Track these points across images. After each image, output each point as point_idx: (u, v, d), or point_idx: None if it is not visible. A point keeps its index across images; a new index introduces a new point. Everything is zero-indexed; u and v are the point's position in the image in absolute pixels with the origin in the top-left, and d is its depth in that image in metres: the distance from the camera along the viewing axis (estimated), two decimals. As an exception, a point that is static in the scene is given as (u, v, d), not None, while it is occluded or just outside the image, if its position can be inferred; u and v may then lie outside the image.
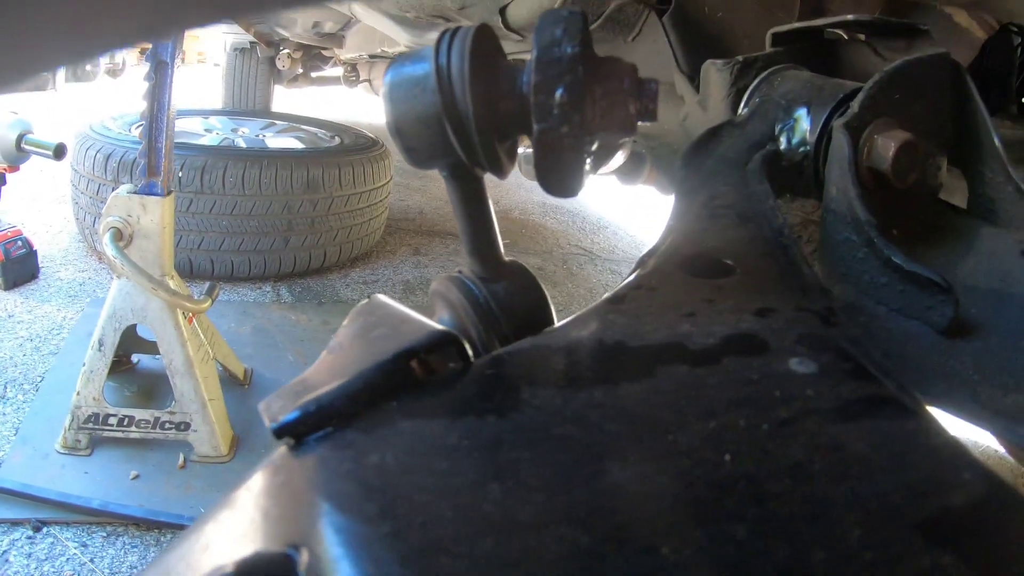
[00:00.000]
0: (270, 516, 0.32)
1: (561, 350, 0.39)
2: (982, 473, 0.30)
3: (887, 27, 0.76)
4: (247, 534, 0.31)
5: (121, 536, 1.87)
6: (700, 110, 0.85)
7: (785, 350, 0.39)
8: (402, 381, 0.37)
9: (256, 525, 0.31)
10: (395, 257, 3.94)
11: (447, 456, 0.32)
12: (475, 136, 0.42)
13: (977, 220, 0.68)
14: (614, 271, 4.29)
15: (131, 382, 2.35)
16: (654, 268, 0.48)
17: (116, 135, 3.26)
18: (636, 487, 0.30)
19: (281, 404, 0.36)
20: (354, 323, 0.42)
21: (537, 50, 0.40)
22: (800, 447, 0.32)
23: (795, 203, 0.75)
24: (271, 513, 0.32)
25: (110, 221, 1.96)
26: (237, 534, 0.31)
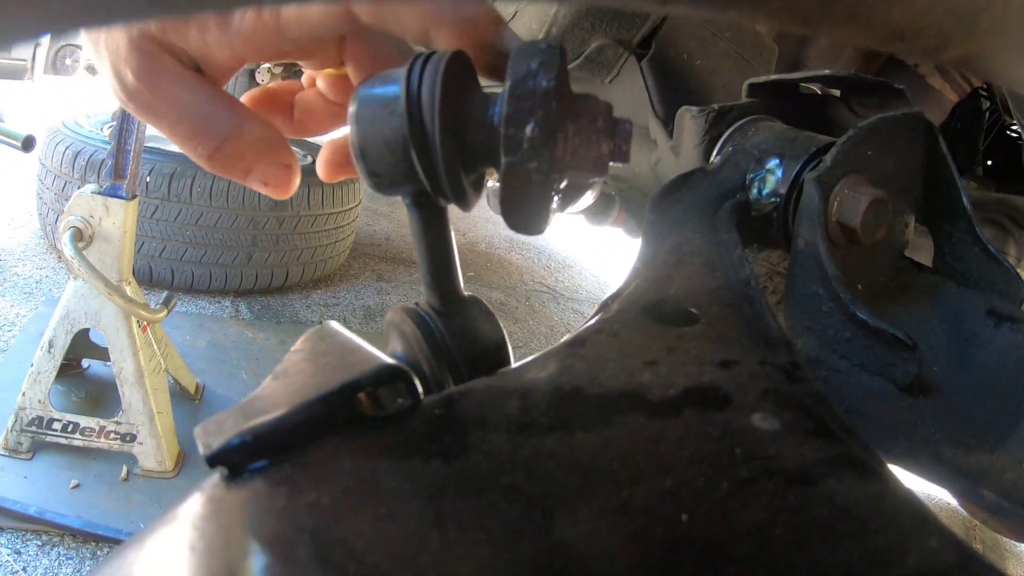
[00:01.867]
0: (196, 551, 0.30)
1: (515, 393, 0.38)
2: (950, 540, 0.29)
3: (862, 84, 0.76)
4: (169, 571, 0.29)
5: (57, 546, 1.81)
6: (672, 156, 0.85)
7: (748, 405, 0.38)
8: (346, 415, 0.35)
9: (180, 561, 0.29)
10: (358, 281, 3.91)
11: (387, 500, 0.30)
12: (440, 165, 0.41)
13: (943, 279, 0.68)
14: (576, 311, 4.29)
15: (79, 387, 2.29)
16: (616, 312, 0.47)
17: (87, 133, 3.21)
18: (586, 546, 0.28)
19: (217, 430, 0.35)
20: (302, 349, 0.41)
21: (511, 81, 0.39)
22: (761, 509, 0.31)
23: (762, 253, 0.74)
24: (197, 547, 0.30)
25: (71, 220, 1.93)
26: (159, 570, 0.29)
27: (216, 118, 0.47)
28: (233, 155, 0.48)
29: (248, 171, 0.49)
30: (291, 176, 0.50)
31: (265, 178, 0.50)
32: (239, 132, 0.47)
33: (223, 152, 0.48)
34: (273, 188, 0.50)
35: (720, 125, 0.79)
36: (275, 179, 0.50)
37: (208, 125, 0.47)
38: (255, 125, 0.48)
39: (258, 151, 0.49)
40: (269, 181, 0.50)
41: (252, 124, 0.48)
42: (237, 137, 0.47)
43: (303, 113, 0.56)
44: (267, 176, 0.50)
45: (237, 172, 0.49)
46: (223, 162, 0.48)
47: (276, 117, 0.55)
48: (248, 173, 0.49)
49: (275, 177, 0.50)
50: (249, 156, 0.49)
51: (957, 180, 0.66)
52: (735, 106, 0.80)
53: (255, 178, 0.50)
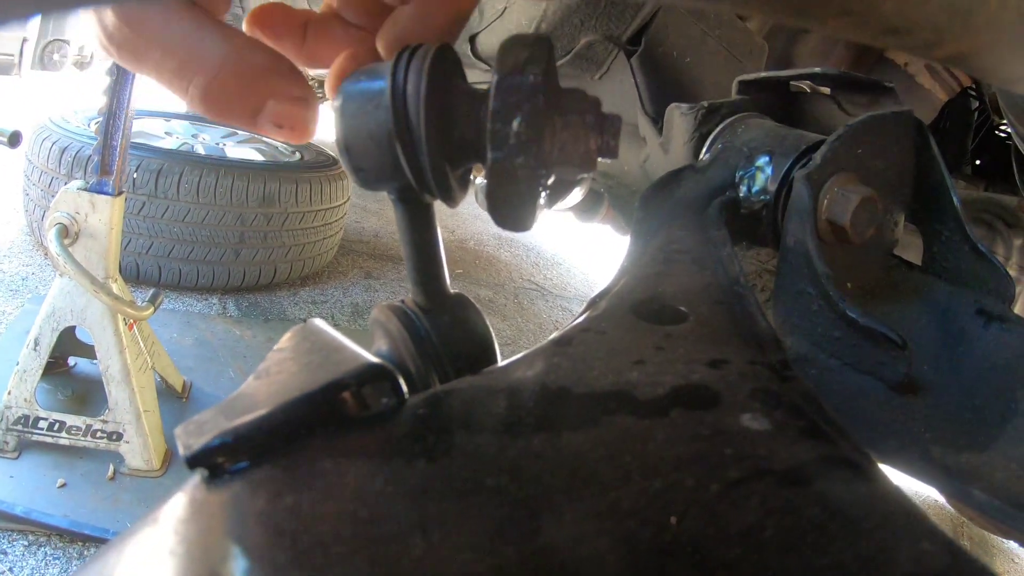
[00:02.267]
0: (176, 554, 0.29)
1: (501, 392, 0.37)
2: (942, 542, 0.28)
3: (853, 82, 0.76)
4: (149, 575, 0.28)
5: (43, 546, 1.80)
6: (662, 153, 0.85)
7: (737, 404, 0.37)
8: (329, 415, 0.34)
9: (159, 564, 0.29)
10: (346, 279, 3.90)
11: (369, 503, 0.30)
12: (426, 160, 0.40)
13: (932, 277, 0.68)
14: (565, 308, 4.29)
15: (65, 386, 2.27)
16: (604, 310, 0.47)
17: (74, 129, 3.19)
18: (573, 549, 0.28)
19: (198, 431, 0.34)
20: (286, 348, 0.40)
21: (498, 75, 0.38)
22: (751, 511, 0.30)
23: (751, 251, 0.74)
24: (177, 551, 0.29)
25: (57, 217, 1.91)
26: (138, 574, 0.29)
27: (206, 48, 0.40)
28: (233, 92, 0.41)
29: (255, 110, 0.42)
30: (307, 112, 0.43)
31: (277, 118, 0.42)
32: (236, 62, 0.41)
33: (219, 88, 0.41)
34: (289, 130, 0.43)
35: (710, 122, 0.79)
36: (289, 118, 0.42)
37: (196, 57, 0.40)
38: (256, 53, 0.42)
39: (263, 84, 0.42)
40: (282, 121, 0.42)
41: (252, 52, 0.42)
42: (234, 68, 0.41)
43: (316, 38, 0.47)
44: (279, 115, 0.42)
45: (243, 114, 0.42)
46: (222, 101, 0.41)
47: (283, 43, 0.47)
48: (256, 114, 0.42)
49: (288, 116, 0.42)
50: (253, 91, 0.42)
51: (947, 179, 0.66)
52: (725, 103, 0.79)
53: (265, 119, 0.42)
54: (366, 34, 0.47)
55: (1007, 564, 3.02)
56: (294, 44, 0.47)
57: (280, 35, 0.47)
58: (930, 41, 0.33)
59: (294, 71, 0.43)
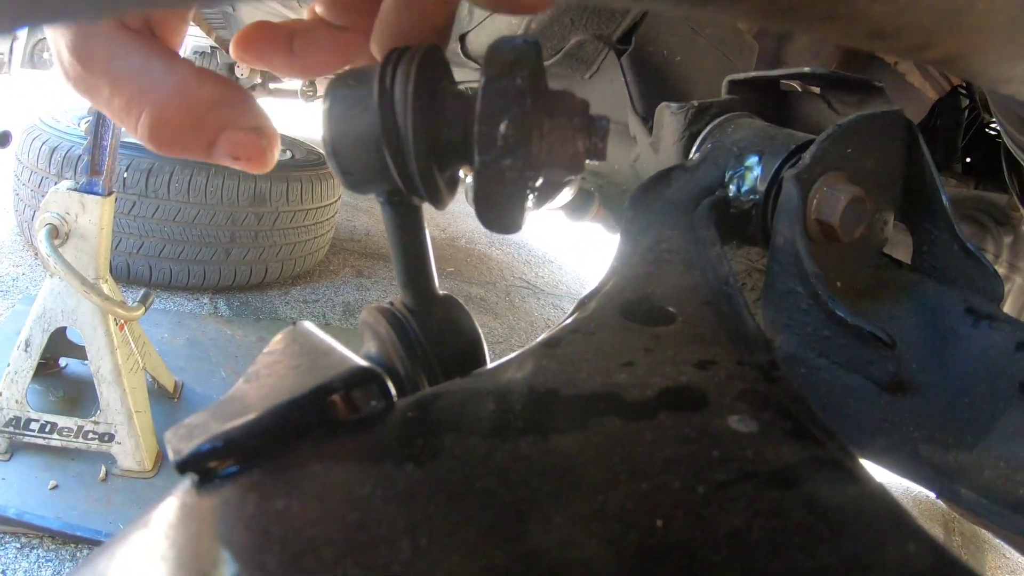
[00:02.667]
0: (166, 559, 0.29)
1: (490, 395, 0.37)
2: (928, 544, 0.29)
3: (842, 81, 0.76)
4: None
5: (36, 548, 1.80)
6: (652, 152, 0.85)
7: (725, 406, 0.38)
8: (318, 419, 0.34)
9: (150, 570, 0.29)
10: (337, 278, 3.90)
11: (358, 506, 0.30)
12: (414, 164, 0.40)
13: (921, 276, 0.68)
14: (556, 306, 4.30)
15: (57, 387, 2.27)
16: (593, 311, 0.47)
17: (64, 128, 3.18)
18: (560, 552, 0.28)
19: (187, 435, 0.34)
20: (275, 351, 0.40)
21: (485, 78, 0.38)
22: (738, 513, 0.30)
23: (741, 250, 0.74)
24: (167, 556, 0.29)
25: (47, 217, 1.91)
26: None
27: (153, 82, 0.39)
28: (184, 125, 0.39)
29: (210, 143, 0.40)
30: (263, 143, 0.41)
31: (232, 150, 0.40)
32: (183, 95, 0.39)
33: (168, 121, 0.39)
34: (246, 161, 0.41)
35: (699, 122, 0.79)
36: (245, 149, 0.41)
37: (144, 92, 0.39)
38: (205, 85, 0.40)
39: (214, 116, 0.40)
40: (239, 153, 0.41)
41: (200, 84, 0.40)
42: (182, 102, 0.39)
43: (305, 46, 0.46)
44: (234, 147, 0.40)
45: (197, 147, 0.40)
46: (173, 135, 0.39)
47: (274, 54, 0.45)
48: (211, 146, 0.40)
49: (244, 147, 0.41)
50: (204, 124, 0.40)
51: (936, 178, 0.66)
52: (715, 103, 0.79)
53: (221, 151, 0.41)
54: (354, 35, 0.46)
55: (998, 559, 3.04)
56: (283, 59, 0.46)
57: (266, 54, 0.46)
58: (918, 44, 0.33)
59: (247, 100, 0.42)
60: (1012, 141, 1.06)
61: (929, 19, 0.31)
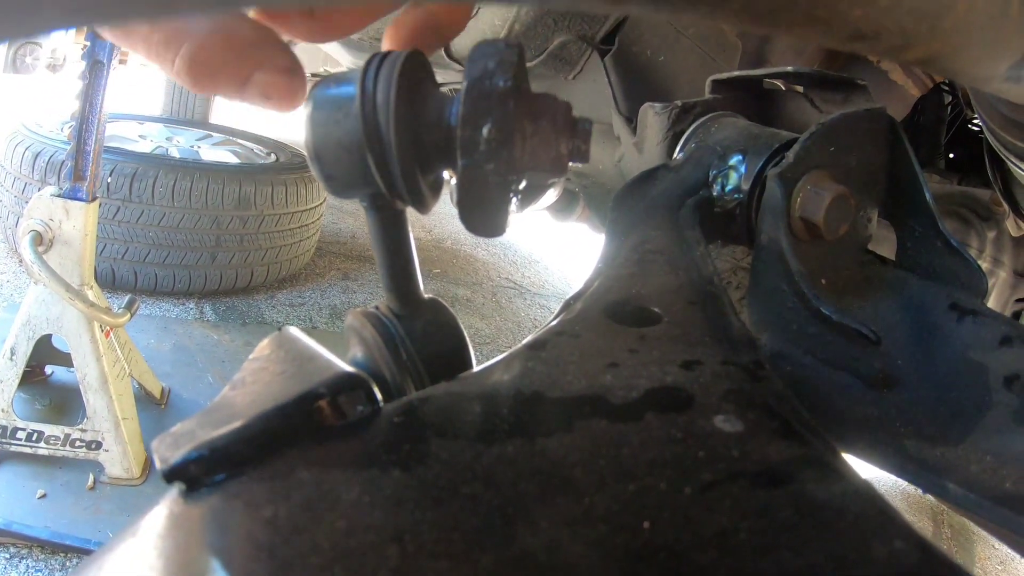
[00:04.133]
0: (154, 569, 0.29)
1: (476, 398, 0.37)
2: (915, 541, 0.29)
3: (825, 80, 0.76)
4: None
5: (25, 559, 1.78)
6: (636, 152, 0.85)
7: (711, 406, 0.38)
8: (305, 425, 0.34)
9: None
10: (323, 281, 3.89)
11: (345, 513, 0.29)
12: (396, 167, 0.40)
13: (906, 272, 0.68)
14: (543, 306, 4.30)
15: (43, 395, 2.25)
16: (578, 313, 0.47)
17: (47, 134, 3.15)
18: (547, 556, 0.28)
19: (174, 444, 0.34)
20: (261, 357, 0.40)
21: (467, 81, 0.38)
22: (725, 513, 0.30)
23: (725, 249, 0.74)
24: (155, 566, 0.29)
25: (31, 224, 1.89)
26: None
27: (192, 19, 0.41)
28: (220, 63, 0.41)
29: (243, 81, 0.42)
30: (295, 82, 0.43)
31: (265, 88, 0.42)
32: (223, 33, 0.41)
33: (205, 59, 0.41)
34: (277, 100, 0.43)
35: (683, 121, 0.79)
36: (276, 88, 0.42)
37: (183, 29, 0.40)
38: (243, 25, 0.42)
39: (250, 55, 0.42)
40: (270, 92, 0.42)
41: (239, 24, 0.42)
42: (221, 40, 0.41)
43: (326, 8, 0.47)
44: (266, 85, 0.42)
45: (230, 84, 0.42)
46: (208, 72, 0.41)
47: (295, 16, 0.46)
48: (243, 83, 0.42)
49: (276, 86, 0.42)
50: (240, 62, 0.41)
51: (919, 175, 0.66)
52: (698, 102, 0.80)
53: (253, 90, 0.42)
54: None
55: (987, 551, 3.06)
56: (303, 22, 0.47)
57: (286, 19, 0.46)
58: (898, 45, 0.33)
59: (280, 43, 0.43)
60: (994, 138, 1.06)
61: (909, 21, 0.31)
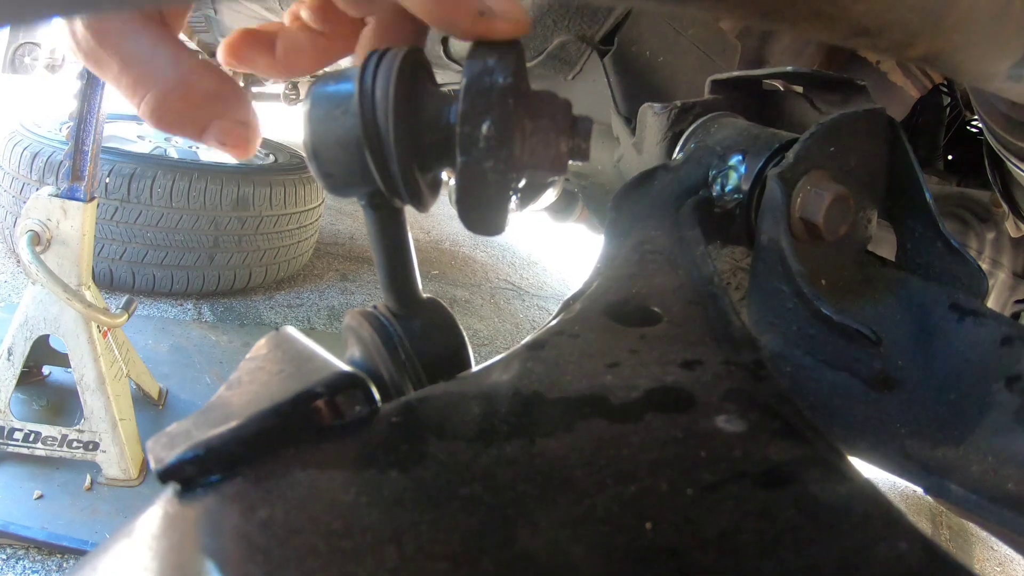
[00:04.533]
0: (149, 570, 0.29)
1: (474, 399, 0.37)
2: (919, 542, 0.28)
3: (825, 81, 0.76)
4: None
5: (22, 559, 1.78)
6: (635, 152, 0.84)
7: (712, 406, 0.37)
8: (302, 425, 0.34)
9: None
10: (322, 282, 3.88)
11: (342, 514, 0.29)
12: (395, 165, 0.40)
13: (906, 273, 0.68)
14: (542, 307, 4.30)
15: (40, 395, 2.25)
16: (578, 313, 0.46)
17: (46, 134, 3.15)
18: (548, 557, 0.27)
19: (169, 444, 0.33)
20: (258, 357, 0.40)
21: (467, 79, 0.38)
22: (727, 514, 0.30)
23: (725, 250, 0.74)
24: (150, 567, 0.29)
25: (28, 224, 1.89)
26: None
27: (159, 68, 0.44)
28: (182, 110, 0.45)
29: (202, 128, 0.46)
30: (248, 134, 0.47)
31: (221, 137, 0.46)
32: (185, 84, 0.44)
33: (169, 106, 0.44)
34: (231, 148, 0.47)
35: (682, 122, 0.79)
36: (232, 138, 0.46)
37: (150, 75, 0.44)
38: (206, 77, 0.45)
39: (209, 106, 0.45)
40: (225, 140, 0.46)
41: (203, 75, 0.45)
42: (183, 91, 0.44)
43: (287, 50, 0.51)
44: (222, 135, 0.46)
45: (190, 129, 0.46)
46: (171, 117, 0.45)
47: (258, 58, 0.51)
48: (203, 131, 0.46)
49: (231, 136, 0.46)
50: (200, 112, 0.45)
51: (919, 175, 0.66)
52: (698, 103, 0.79)
53: (211, 136, 0.46)
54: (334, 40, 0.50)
55: (986, 552, 3.05)
56: (266, 62, 0.51)
57: (250, 58, 0.51)
58: (901, 42, 0.33)
59: (239, 96, 0.47)
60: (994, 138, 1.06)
61: (913, 17, 0.31)
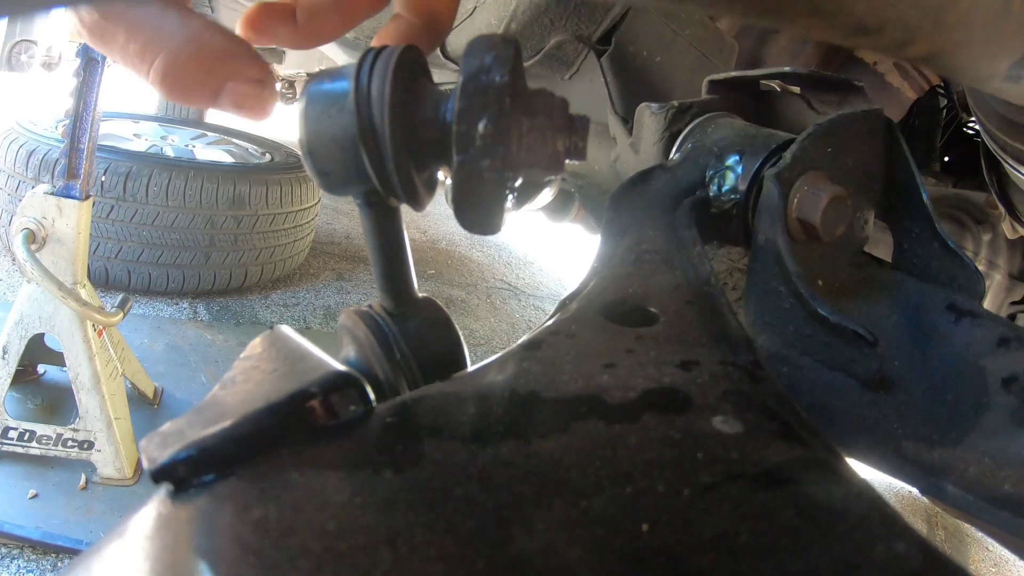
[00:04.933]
0: (141, 571, 0.28)
1: (470, 399, 0.37)
2: (917, 544, 0.28)
3: (822, 81, 0.76)
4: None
5: (16, 559, 1.77)
6: (632, 152, 0.84)
7: (709, 407, 0.37)
8: (296, 425, 0.34)
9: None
10: (318, 281, 3.88)
11: (336, 515, 0.29)
12: (391, 164, 0.40)
13: (903, 274, 0.68)
14: (538, 307, 4.30)
15: (35, 394, 2.24)
16: (574, 313, 0.46)
17: (42, 131, 3.14)
18: (544, 559, 0.27)
19: (162, 443, 0.33)
20: (252, 356, 0.39)
21: (463, 76, 0.38)
22: (724, 516, 0.30)
23: (722, 250, 0.74)
24: (143, 568, 0.29)
25: (24, 222, 1.88)
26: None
27: (167, 31, 0.42)
28: (193, 73, 0.42)
29: (215, 91, 0.44)
30: (265, 93, 0.45)
31: (236, 99, 0.44)
32: (196, 44, 0.42)
33: (179, 69, 0.42)
34: (248, 109, 0.45)
35: (679, 122, 0.79)
36: (247, 98, 0.44)
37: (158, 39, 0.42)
38: (216, 37, 0.43)
39: (222, 67, 0.43)
40: (242, 102, 0.44)
41: (212, 36, 0.43)
42: (194, 51, 0.42)
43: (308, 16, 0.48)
44: (238, 96, 0.44)
45: (203, 94, 0.44)
46: (182, 82, 0.42)
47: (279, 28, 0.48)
48: (216, 94, 0.44)
49: (247, 96, 0.44)
50: (213, 73, 0.43)
51: (916, 176, 0.66)
52: (695, 103, 0.79)
53: (226, 100, 0.44)
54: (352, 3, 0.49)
55: (981, 552, 3.06)
56: (288, 32, 0.48)
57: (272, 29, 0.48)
58: (901, 40, 0.33)
59: (252, 54, 0.44)
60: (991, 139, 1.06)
61: (913, 15, 0.31)
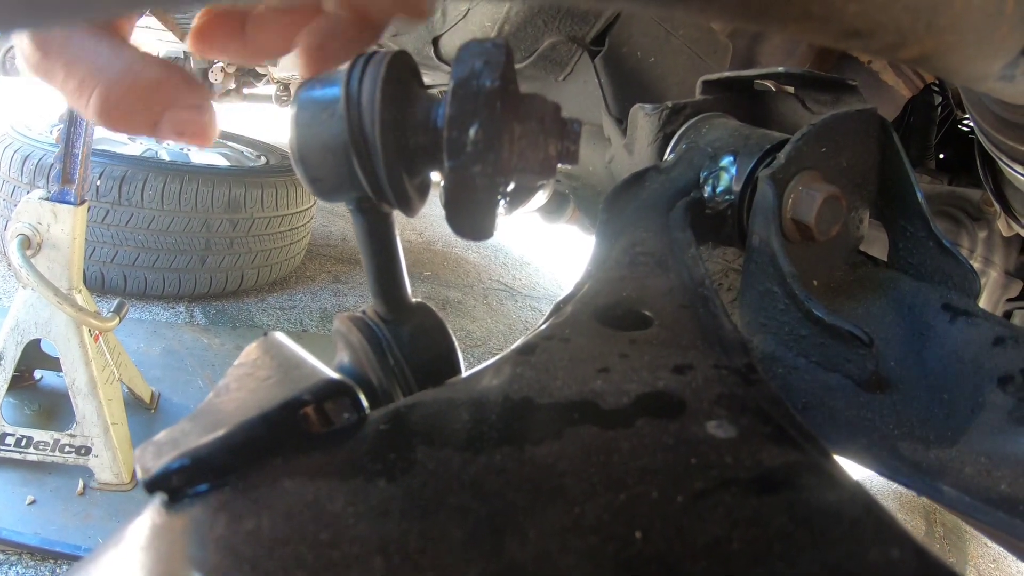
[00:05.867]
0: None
1: (464, 405, 0.37)
2: (912, 549, 0.28)
3: (816, 81, 0.76)
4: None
5: (15, 565, 1.77)
6: (626, 154, 0.84)
7: (703, 412, 0.37)
8: (289, 433, 0.34)
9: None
10: (314, 283, 3.87)
11: (330, 524, 0.29)
12: (382, 170, 0.40)
13: (898, 273, 0.68)
14: (534, 308, 4.29)
15: (32, 400, 2.24)
16: (568, 317, 0.46)
17: (36, 136, 3.13)
18: (537, 567, 0.27)
19: (156, 453, 0.33)
20: (246, 363, 0.39)
21: (454, 82, 0.38)
22: (717, 522, 0.30)
23: (717, 250, 0.74)
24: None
25: (19, 227, 1.88)
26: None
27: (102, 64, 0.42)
28: (130, 105, 0.42)
29: (154, 121, 0.43)
30: (205, 118, 0.44)
31: (176, 126, 0.44)
32: (130, 76, 0.42)
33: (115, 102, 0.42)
34: (190, 136, 0.44)
35: (674, 122, 0.79)
36: (188, 125, 0.44)
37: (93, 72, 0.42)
38: (149, 67, 0.43)
39: (158, 96, 0.43)
40: (182, 129, 0.44)
41: (145, 66, 0.43)
42: (129, 83, 0.42)
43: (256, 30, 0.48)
44: (177, 124, 0.43)
45: (142, 124, 0.43)
46: (119, 114, 0.42)
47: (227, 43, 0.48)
48: (155, 124, 0.43)
49: (187, 123, 0.44)
50: (149, 103, 0.43)
51: (911, 175, 0.66)
52: (689, 103, 0.79)
53: (166, 128, 0.44)
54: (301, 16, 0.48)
55: (980, 549, 3.06)
56: (236, 45, 0.49)
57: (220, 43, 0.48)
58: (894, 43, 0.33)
59: (189, 80, 0.44)
60: (986, 137, 1.06)
61: (905, 17, 0.31)
